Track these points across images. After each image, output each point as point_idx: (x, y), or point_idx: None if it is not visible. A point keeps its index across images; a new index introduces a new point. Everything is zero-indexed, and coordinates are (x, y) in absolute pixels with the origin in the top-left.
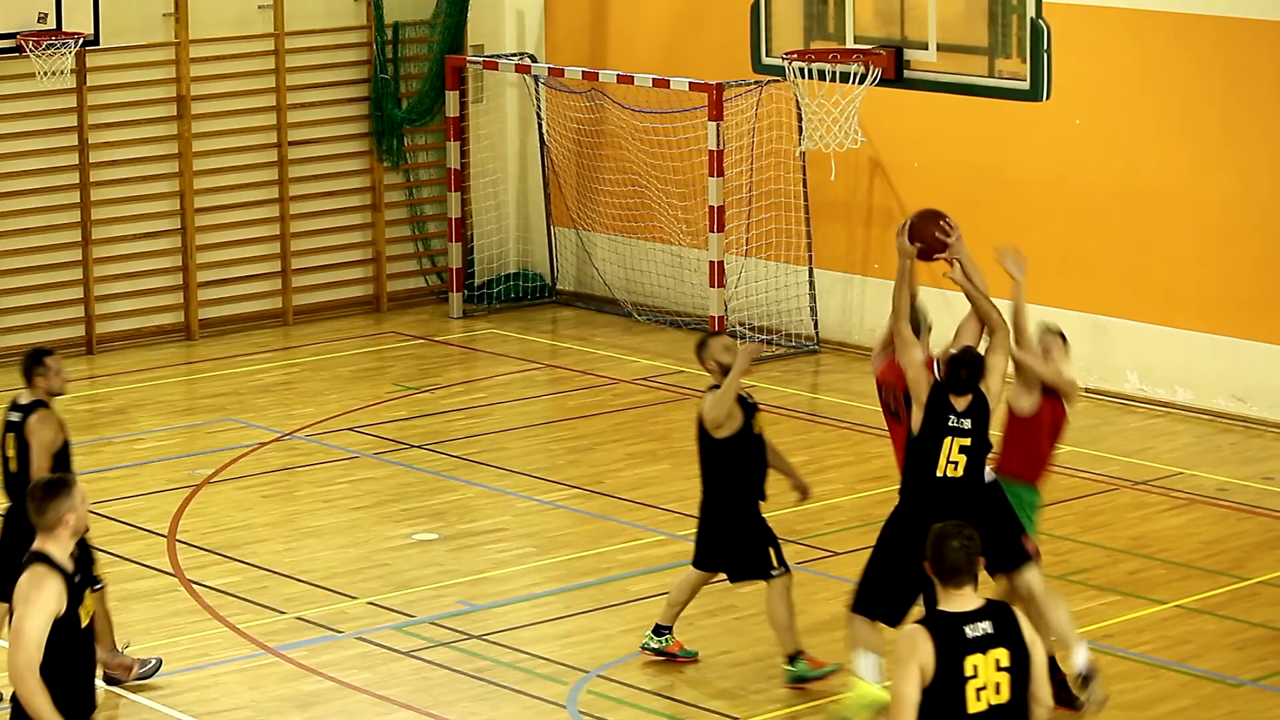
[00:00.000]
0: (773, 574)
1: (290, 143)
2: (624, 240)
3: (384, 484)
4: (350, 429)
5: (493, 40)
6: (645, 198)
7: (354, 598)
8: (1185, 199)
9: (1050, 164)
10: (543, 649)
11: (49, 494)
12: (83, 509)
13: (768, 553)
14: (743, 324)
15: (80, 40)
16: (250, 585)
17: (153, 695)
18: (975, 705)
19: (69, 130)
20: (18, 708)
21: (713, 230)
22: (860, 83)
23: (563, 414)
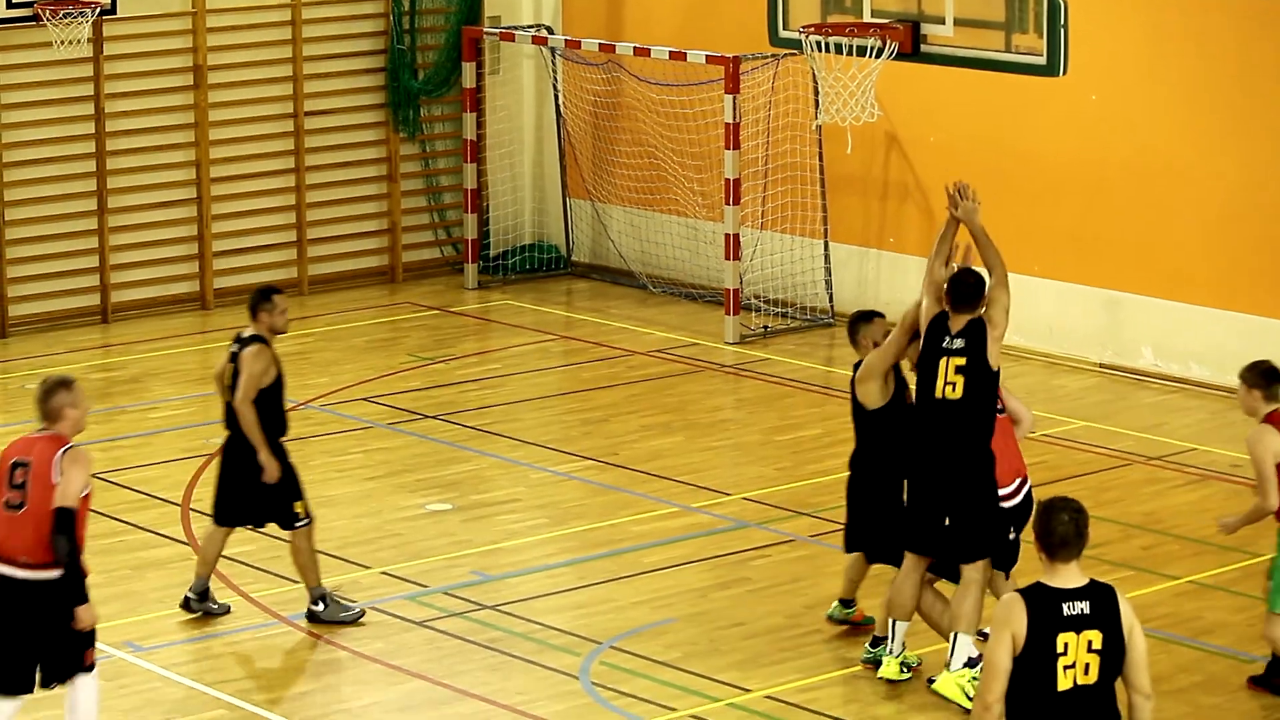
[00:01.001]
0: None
1: (306, 113)
2: (639, 212)
3: (398, 454)
4: (364, 399)
5: (509, 12)
6: (661, 170)
7: (367, 567)
8: (1200, 175)
9: (1066, 139)
10: (556, 620)
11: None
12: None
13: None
14: (758, 296)
15: (97, 9)
16: (263, 554)
17: (165, 664)
18: (1063, 682)
19: (85, 99)
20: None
21: (728, 203)
22: (877, 57)
23: (577, 385)
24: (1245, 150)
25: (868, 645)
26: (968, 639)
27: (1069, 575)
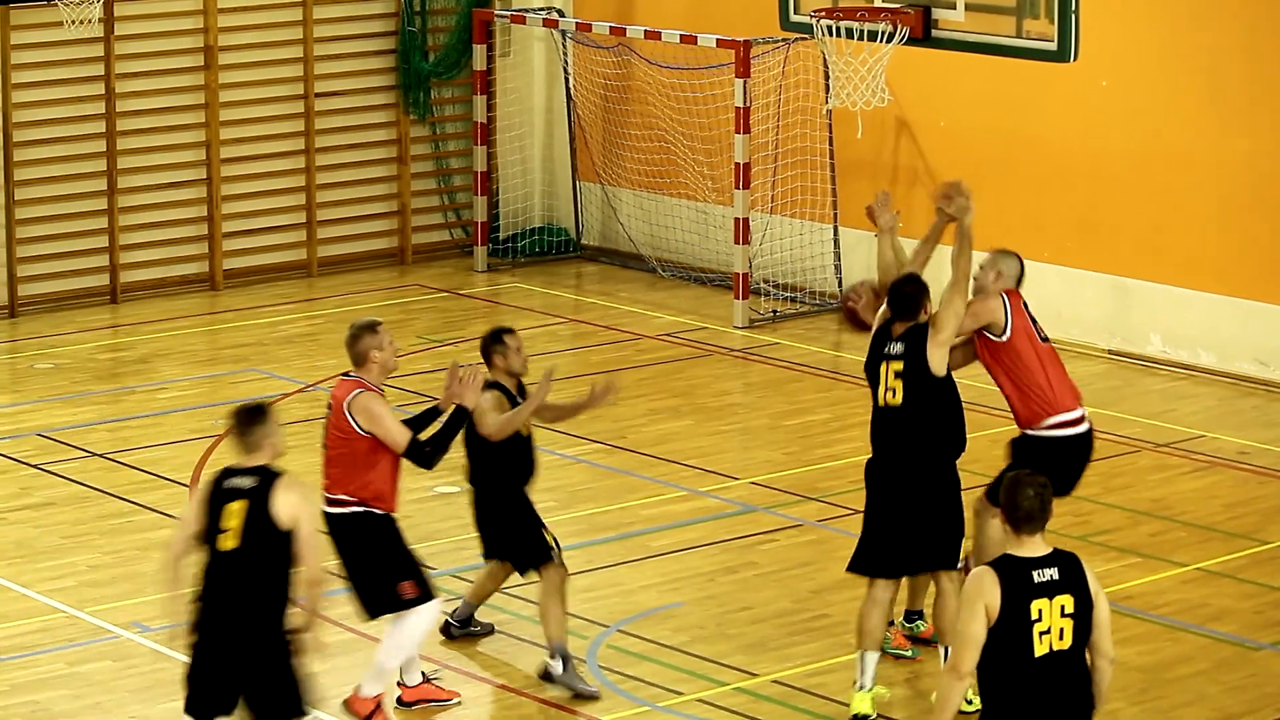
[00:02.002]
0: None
1: (317, 94)
2: (649, 196)
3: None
4: None
5: None
6: (671, 154)
7: None
8: (1209, 162)
9: (1075, 125)
10: None
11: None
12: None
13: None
14: (767, 281)
15: None
16: None
17: (173, 645)
18: (1039, 649)
19: (96, 79)
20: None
21: (738, 187)
22: (888, 41)
23: (586, 369)
24: (1255, 137)
25: (902, 620)
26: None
27: (1034, 545)
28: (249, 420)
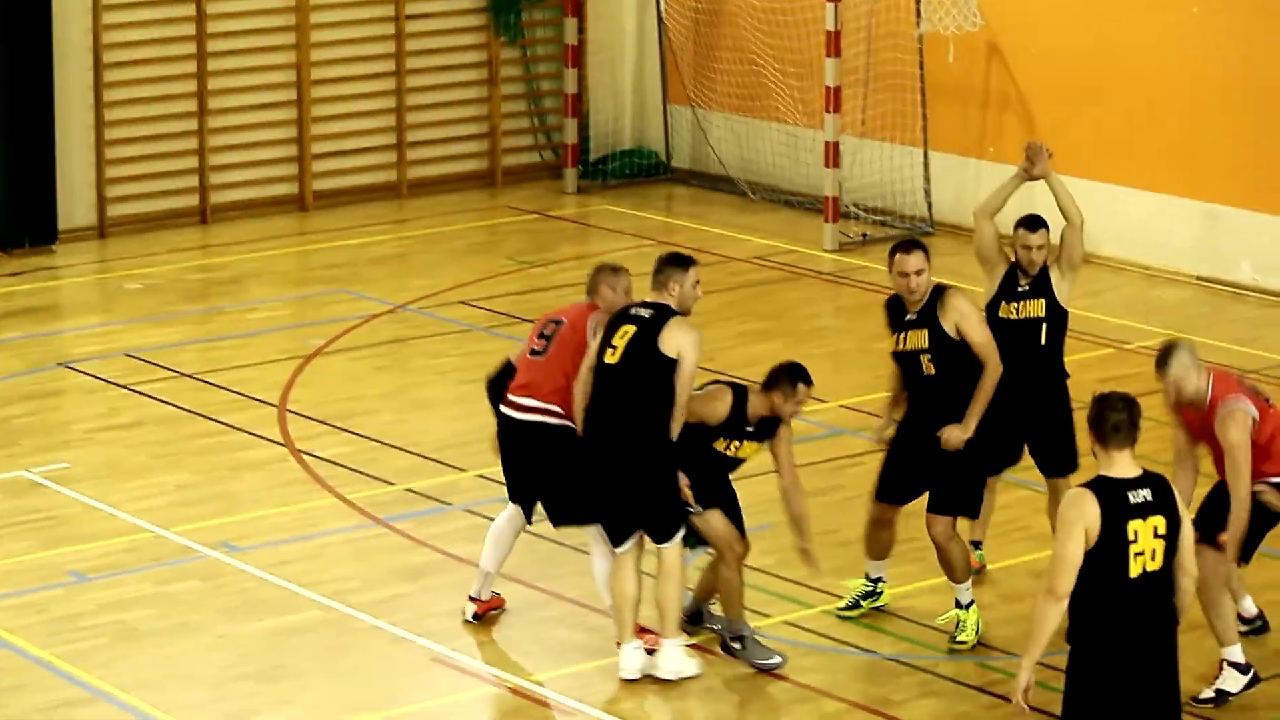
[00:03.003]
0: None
1: (408, 16)
2: (740, 119)
3: (495, 358)
4: (462, 302)
5: None
6: (762, 77)
7: (464, 470)
8: None
9: (1167, 51)
10: None
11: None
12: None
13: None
14: (857, 204)
15: None
16: (360, 456)
17: (261, 564)
18: (1134, 569)
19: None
20: None
21: (828, 110)
22: None
23: None
24: None
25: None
26: (964, 586)
27: (1125, 464)
28: (666, 262)
